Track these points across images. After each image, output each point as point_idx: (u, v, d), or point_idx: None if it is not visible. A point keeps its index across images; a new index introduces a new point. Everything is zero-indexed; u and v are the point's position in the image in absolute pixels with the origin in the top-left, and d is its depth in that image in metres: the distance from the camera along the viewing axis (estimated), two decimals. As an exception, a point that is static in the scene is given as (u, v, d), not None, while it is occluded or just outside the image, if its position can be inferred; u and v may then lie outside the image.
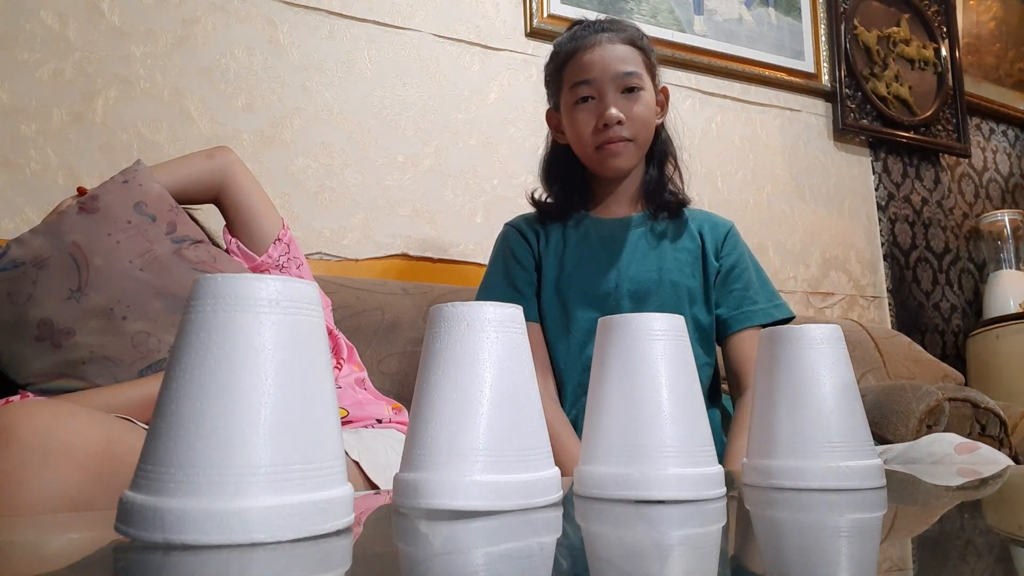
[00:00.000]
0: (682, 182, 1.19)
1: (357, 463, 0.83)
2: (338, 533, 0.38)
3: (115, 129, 1.41)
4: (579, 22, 1.15)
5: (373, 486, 0.83)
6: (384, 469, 0.84)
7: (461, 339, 0.47)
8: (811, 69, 2.31)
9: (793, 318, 1.14)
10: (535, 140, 1.65)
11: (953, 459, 0.87)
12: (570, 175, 1.18)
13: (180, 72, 1.48)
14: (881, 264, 2.35)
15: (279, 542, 0.35)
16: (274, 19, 1.58)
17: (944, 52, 2.58)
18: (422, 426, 0.46)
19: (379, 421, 1.01)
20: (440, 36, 1.75)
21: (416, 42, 1.73)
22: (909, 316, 2.34)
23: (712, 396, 1.15)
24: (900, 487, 0.64)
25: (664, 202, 1.15)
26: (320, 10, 1.63)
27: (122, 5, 1.45)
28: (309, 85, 1.60)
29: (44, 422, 0.60)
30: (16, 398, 0.85)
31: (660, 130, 1.17)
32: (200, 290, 0.38)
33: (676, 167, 1.19)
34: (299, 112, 1.58)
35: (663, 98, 1.16)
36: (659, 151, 1.17)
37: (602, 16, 1.16)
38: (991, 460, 0.85)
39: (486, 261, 1.25)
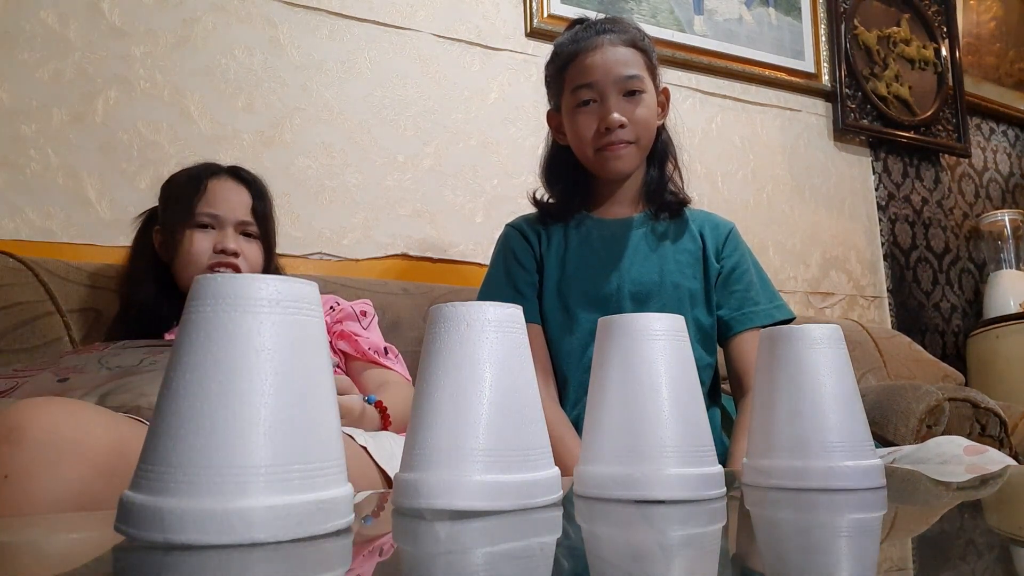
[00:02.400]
0: (683, 182, 1.19)
1: (364, 448, 0.83)
2: (338, 533, 0.38)
3: (115, 129, 1.41)
4: (579, 21, 1.14)
5: (382, 471, 0.83)
6: (391, 458, 0.85)
7: (461, 339, 0.47)
8: (811, 69, 2.31)
9: (793, 319, 1.14)
10: (535, 140, 1.65)
11: (961, 459, 0.87)
12: (571, 176, 1.18)
13: (180, 72, 1.48)
14: (881, 264, 2.35)
15: (279, 542, 0.35)
16: (274, 19, 1.58)
17: (944, 52, 2.58)
18: (422, 426, 0.46)
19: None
20: (440, 36, 1.75)
21: (416, 42, 1.73)
22: (909, 316, 2.34)
23: (712, 396, 1.15)
24: (900, 487, 0.64)
25: (665, 203, 1.15)
26: (320, 10, 1.63)
27: (122, 5, 1.45)
28: (309, 85, 1.60)
29: (54, 420, 0.60)
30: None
31: (661, 130, 1.17)
32: (200, 290, 0.38)
33: (676, 167, 1.18)
34: (299, 112, 1.58)
35: (664, 99, 1.15)
36: (660, 152, 1.17)
37: (602, 16, 1.15)
38: (999, 462, 0.85)
39: (486, 261, 1.25)
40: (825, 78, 2.32)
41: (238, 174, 1.17)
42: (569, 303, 1.12)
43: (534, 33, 1.86)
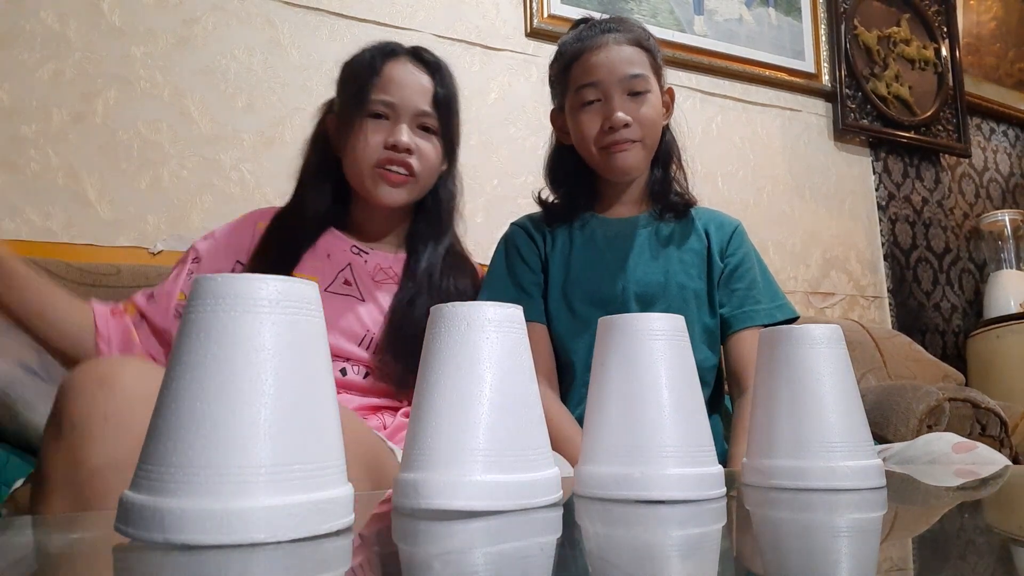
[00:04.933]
0: (687, 181, 1.18)
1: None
2: (338, 533, 0.38)
3: (115, 129, 1.41)
4: (584, 20, 1.14)
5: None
6: None
7: (461, 339, 0.47)
8: (811, 69, 2.31)
9: (798, 318, 1.13)
10: (535, 140, 1.65)
11: (950, 458, 0.87)
12: (576, 176, 1.17)
13: (180, 72, 1.48)
14: (881, 264, 2.35)
15: (279, 542, 0.35)
16: (274, 19, 1.58)
17: (944, 52, 2.58)
18: (422, 426, 0.46)
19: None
20: (440, 36, 1.75)
21: (416, 42, 1.71)
22: (909, 316, 2.34)
23: (715, 400, 1.14)
24: (900, 487, 0.64)
25: (670, 203, 1.15)
26: (320, 10, 1.63)
27: (122, 5, 1.45)
28: (309, 85, 1.59)
29: (141, 371, 0.62)
30: None
31: (665, 130, 1.16)
32: (200, 290, 0.38)
33: (680, 167, 1.18)
34: (299, 112, 1.58)
35: (668, 99, 1.15)
36: (664, 152, 1.16)
37: (607, 16, 1.15)
38: (988, 460, 0.85)
39: (487, 261, 1.25)
40: (825, 78, 2.32)
41: (420, 56, 1.05)
42: (574, 304, 1.12)
43: (534, 33, 1.86)
